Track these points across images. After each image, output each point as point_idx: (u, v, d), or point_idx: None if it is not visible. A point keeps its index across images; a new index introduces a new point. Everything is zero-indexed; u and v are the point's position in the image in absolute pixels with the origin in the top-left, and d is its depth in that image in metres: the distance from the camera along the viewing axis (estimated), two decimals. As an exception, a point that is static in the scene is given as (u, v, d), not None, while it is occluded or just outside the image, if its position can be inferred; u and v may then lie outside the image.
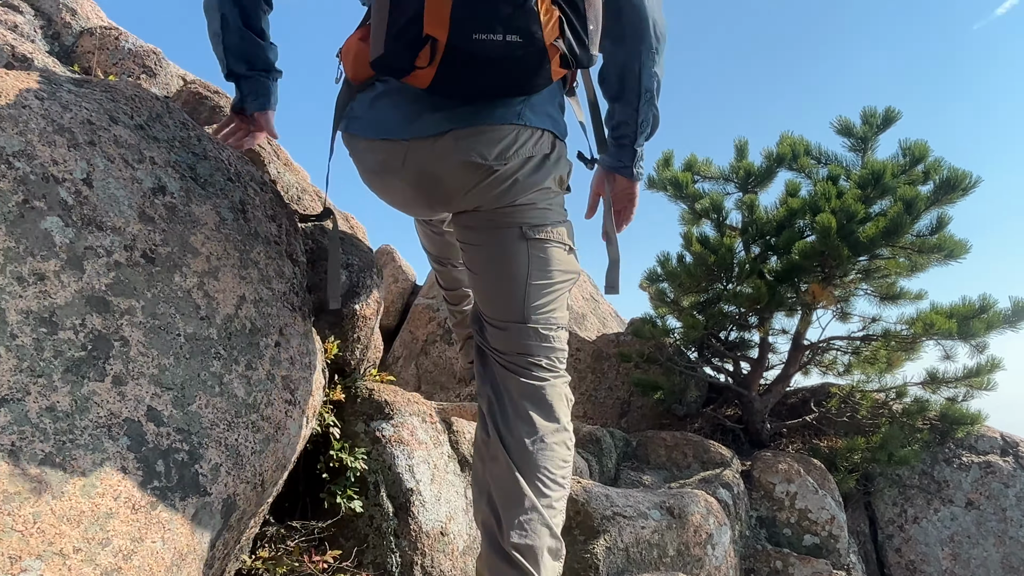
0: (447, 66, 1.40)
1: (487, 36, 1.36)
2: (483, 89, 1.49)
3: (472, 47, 1.36)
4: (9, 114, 1.30)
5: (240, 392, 1.54)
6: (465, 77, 1.43)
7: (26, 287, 1.21)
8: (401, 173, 1.63)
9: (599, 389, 4.77)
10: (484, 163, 1.55)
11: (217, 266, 1.60)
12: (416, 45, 1.38)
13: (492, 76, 1.44)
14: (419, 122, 1.56)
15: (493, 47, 1.36)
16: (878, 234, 3.68)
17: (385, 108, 1.60)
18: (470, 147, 1.54)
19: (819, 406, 4.67)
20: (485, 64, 1.40)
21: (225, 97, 2.56)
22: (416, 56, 1.38)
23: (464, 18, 1.34)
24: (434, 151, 1.56)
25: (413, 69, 1.41)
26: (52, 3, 2.64)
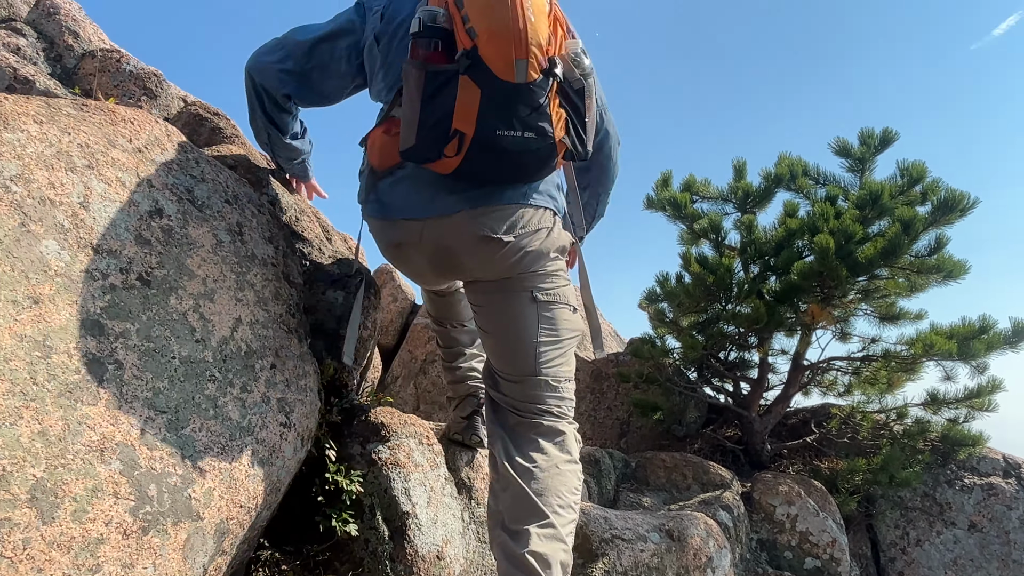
0: (472, 156, 1.63)
1: (508, 132, 1.61)
2: (500, 176, 1.73)
3: (495, 141, 1.61)
4: (7, 138, 1.30)
5: (235, 415, 1.53)
6: (487, 165, 1.67)
7: (21, 311, 1.21)
8: (419, 247, 1.82)
9: (598, 409, 4.74)
10: (495, 236, 1.75)
11: (213, 288, 1.60)
12: (445, 139, 1.61)
13: (509, 165, 1.68)
14: (435, 203, 1.76)
15: (512, 141, 1.62)
16: (876, 255, 3.68)
17: (405, 192, 1.80)
18: (482, 223, 1.75)
19: (819, 427, 4.64)
20: (505, 155, 1.64)
21: (225, 119, 2.57)
22: (445, 147, 1.62)
23: (489, 117, 1.59)
24: (449, 227, 1.77)
25: (441, 157, 1.64)
26: (55, 26, 2.67)
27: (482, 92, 1.61)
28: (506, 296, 1.84)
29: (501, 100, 1.61)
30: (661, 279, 4.63)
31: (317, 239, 2.35)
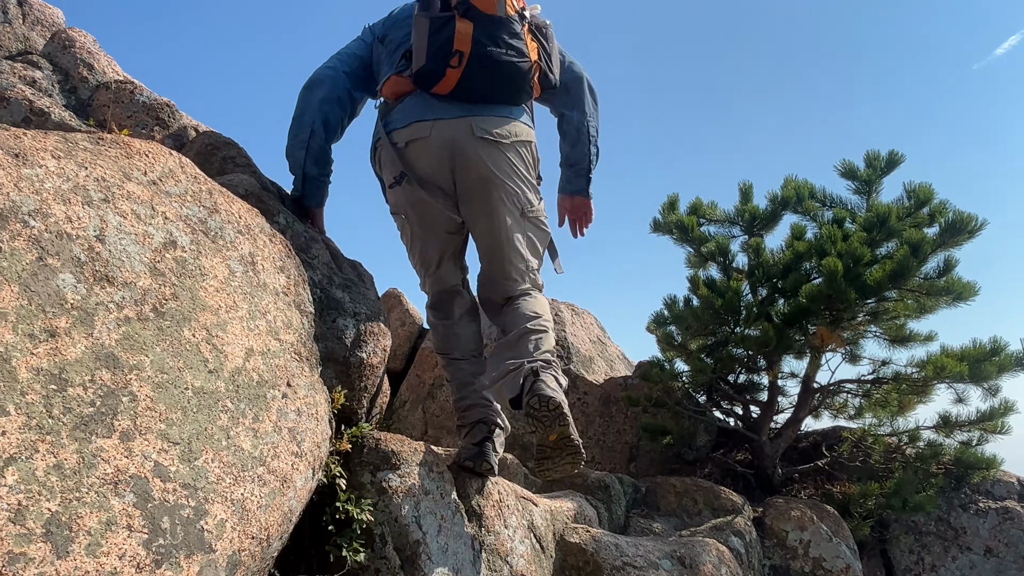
0: (471, 68, 2.20)
1: (497, 49, 2.21)
2: (491, 89, 2.27)
3: (488, 55, 2.20)
4: (26, 174, 1.33)
5: (246, 445, 1.54)
6: (481, 79, 2.23)
7: (37, 344, 1.22)
8: (428, 141, 2.27)
9: (607, 433, 4.72)
10: (489, 135, 2.26)
11: (226, 319, 1.61)
12: (449, 56, 2.19)
13: (499, 78, 2.24)
14: (442, 111, 2.26)
15: (500, 55, 2.21)
16: (885, 277, 3.68)
17: (415, 105, 2.30)
18: (480, 126, 2.26)
19: (831, 450, 4.60)
20: (495, 68, 2.22)
21: (236, 148, 2.60)
22: (448, 64, 2.18)
23: (481, 39, 2.20)
24: (455, 126, 2.25)
25: (446, 73, 2.19)
26: (70, 58, 2.71)
27: (474, 24, 2.21)
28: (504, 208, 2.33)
29: (489, 28, 2.23)
30: (669, 302, 4.63)
31: (327, 266, 2.37)
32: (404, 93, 2.31)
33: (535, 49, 2.34)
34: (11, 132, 1.37)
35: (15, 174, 1.30)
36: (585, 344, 5.22)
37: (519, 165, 2.34)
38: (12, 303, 1.21)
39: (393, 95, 2.34)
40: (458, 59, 2.18)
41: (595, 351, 5.29)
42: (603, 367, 5.18)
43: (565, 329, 5.11)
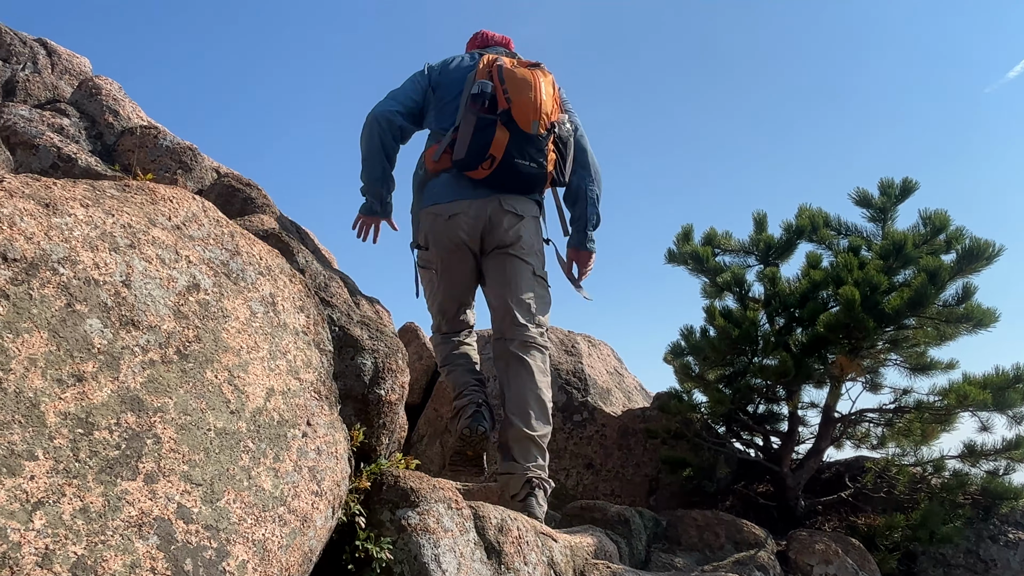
0: (497, 171, 2.81)
1: (522, 161, 2.80)
2: (512, 186, 2.89)
3: (513, 165, 2.80)
4: (56, 223, 1.37)
5: (267, 485, 1.55)
6: (505, 178, 2.84)
7: (65, 389, 1.25)
8: (467, 214, 2.87)
9: (626, 466, 4.68)
10: (516, 212, 2.91)
11: (247, 360, 1.64)
12: (483, 159, 2.78)
13: (518, 181, 2.86)
14: (476, 192, 2.88)
15: (523, 167, 2.81)
16: (903, 305, 3.65)
17: (453, 186, 2.89)
18: (508, 204, 2.90)
19: (854, 481, 4.53)
20: (517, 174, 2.83)
21: (256, 189, 2.66)
22: (482, 163, 2.79)
23: (512, 150, 2.78)
24: (487, 204, 2.88)
25: (478, 168, 2.81)
26: (96, 105, 2.80)
27: (510, 135, 2.78)
28: (519, 265, 2.93)
29: (521, 142, 2.80)
30: (685, 332, 4.62)
31: (345, 304, 2.40)
32: (442, 170, 2.91)
33: (553, 160, 2.92)
34: (42, 183, 1.42)
35: (46, 223, 1.35)
36: (602, 376, 5.20)
37: (533, 235, 2.98)
38: (41, 349, 1.24)
39: (434, 170, 2.93)
40: (490, 163, 2.78)
41: (612, 382, 5.27)
42: (621, 399, 5.16)
43: (582, 361, 5.10)
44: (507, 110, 2.77)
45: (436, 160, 2.88)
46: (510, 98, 2.76)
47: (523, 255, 2.92)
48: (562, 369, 4.98)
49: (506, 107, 2.77)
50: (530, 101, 2.76)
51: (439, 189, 2.90)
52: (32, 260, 1.29)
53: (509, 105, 2.76)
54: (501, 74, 2.82)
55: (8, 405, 1.16)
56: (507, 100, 2.76)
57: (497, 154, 2.74)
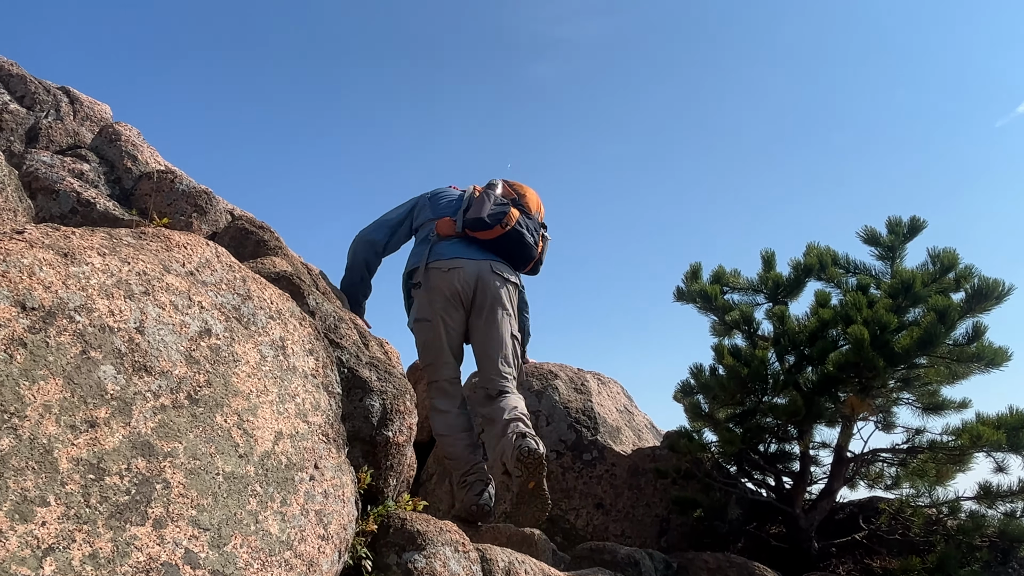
0: (507, 235, 3.42)
1: (527, 233, 3.49)
2: (509, 255, 3.51)
3: (520, 234, 3.45)
4: (73, 272, 1.41)
5: (274, 529, 1.56)
6: (509, 246, 3.46)
7: (78, 435, 1.28)
8: (463, 271, 3.34)
9: (636, 506, 4.63)
10: (501, 274, 3.44)
11: (256, 404, 1.66)
12: (500, 221, 3.39)
13: (517, 250, 3.50)
14: (476, 254, 3.41)
15: (527, 238, 3.47)
16: (913, 344, 3.64)
17: (459, 248, 3.42)
18: (499, 270, 3.45)
19: (868, 522, 4.46)
20: (518, 244, 3.47)
21: (269, 231, 2.71)
22: (497, 225, 3.38)
23: (521, 222, 3.47)
24: (481, 264, 3.39)
25: (494, 228, 3.39)
26: (115, 151, 2.88)
27: (520, 213, 3.51)
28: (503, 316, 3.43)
29: (528, 220, 3.55)
30: (695, 371, 4.61)
31: (354, 345, 2.43)
32: (449, 235, 3.43)
33: (541, 248, 3.62)
34: (62, 232, 1.47)
35: (64, 272, 1.39)
36: (612, 414, 5.18)
37: (514, 299, 3.51)
38: (56, 396, 1.27)
39: (443, 234, 3.45)
40: (503, 227, 3.38)
41: (622, 421, 5.24)
42: (631, 437, 5.13)
43: (592, 399, 5.08)
44: (516, 199, 3.59)
45: (446, 228, 3.48)
46: (520, 192, 3.64)
47: (506, 313, 3.43)
48: (572, 407, 4.97)
49: (515, 197, 3.60)
50: (534, 197, 3.68)
51: (443, 249, 3.40)
52: (50, 308, 1.33)
53: (519, 197, 3.61)
54: (508, 181, 3.69)
55: (23, 451, 1.19)
56: (516, 194, 3.62)
57: (510, 222, 3.39)
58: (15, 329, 1.25)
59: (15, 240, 1.35)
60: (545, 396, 4.99)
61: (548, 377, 5.15)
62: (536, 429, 4.87)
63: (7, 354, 1.23)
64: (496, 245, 3.41)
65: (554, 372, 5.23)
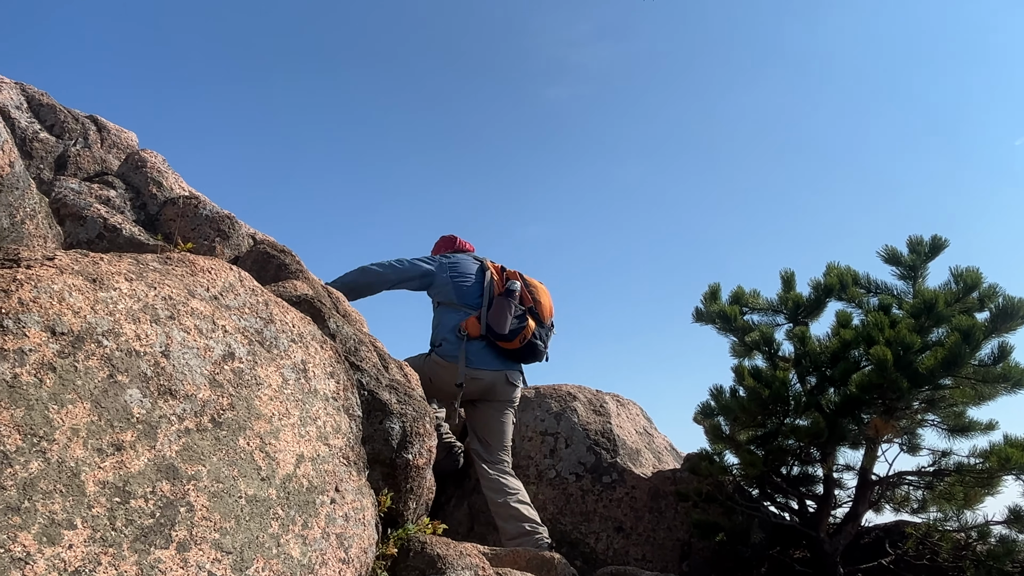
0: (526, 345, 4.03)
1: (539, 343, 4.11)
2: (526, 359, 4.16)
3: (535, 344, 4.07)
4: (101, 297, 1.44)
5: (295, 552, 1.57)
6: (526, 353, 4.09)
7: (104, 458, 1.30)
8: (481, 380, 3.99)
9: (657, 530, 4.57)
10: (515, 384, 4.14)
11: (279, 427, 1.68)
12: (516, 336, 3.99)
13: (533, 355, 4.13)
14: (495, 363, 4.04)
15: (540, 348, 4.12)
16: (937, 365, 3.58)
17: (484, 355, 4.02)
18: (512, 377, 4.12)
19: (895, 547, 4.37)
20: (533, 350, 4.08)
21: (290, 255, 2.75)
22: (515, 339, 3.99)
23: (537, 332, 4.09)
24: (498, 375, 4.04)
25: (514, 341, 3.99)
26: (141, 177, 2.94)
27: (536, 323, 4.09)
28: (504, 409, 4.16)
29: (542, 329, 4.15)
30: (715, 392, 4.56)
31: (374, 368, 2.44)
32: (476, 336, 4.00)
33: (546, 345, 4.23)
34: (90, 259, 1.50)
35: (92, 298, 1.42)
36: (631, 436, 5.14)
37: (517, 397, 4.22)
38: (84, 419, 1.30)
39: (472, 334, 4.00)
40: (520, 340, 3.99)
41: (642, 443, 5.20)
42: (651, 459, 5.08)
43: (611, 421, 5.05)
44: (533, 307, 4.15)
45: (474, 328, 4.04)
46: (536, 299, 4.18)
47: (511, 409, 4.20)
48: (591, 429, 4.94)
49: (531, 303, 4.15)
50: (547, 305, 4.25)
51: (475, 356, 4.00)
52: (78, 333, 1.36)
53: (534, 303, 4.16)
54: (525, 280, 4.22)
55: (51, 474, 1.21)
56: (533, 300, 4.16)
57: (527, 336, 4.02)
58: (45, 353, 1.28)
59: (46, 266, 1.39)
60: (564, 418, 4.96)
61: (567, 399, 5.13)
62: (555, 451, 4.85)
63: (37, 378, 1.25)
64: (517, 354, 4.07)
65: (573, 394, 5.20)
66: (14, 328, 1.25)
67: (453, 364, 3.97)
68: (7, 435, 1.16)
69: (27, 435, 1.19)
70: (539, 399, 5.11)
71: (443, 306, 4.21)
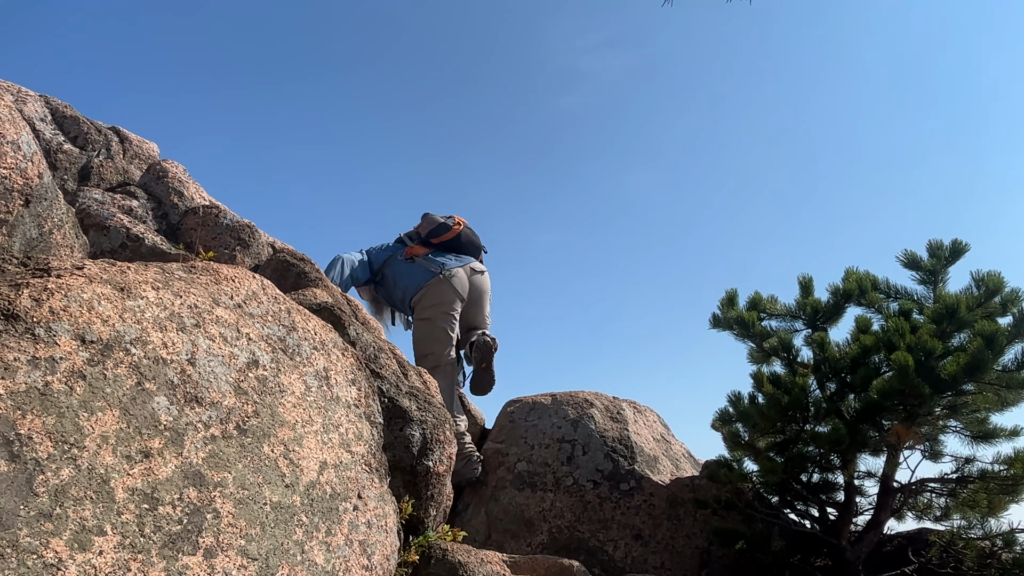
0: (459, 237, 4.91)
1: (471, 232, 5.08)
2: (466, 251, 4.93)
3: (468, 235, 4.98)
4: (129, 305, 1.46)
5: (320, 559, 1.58)
6: (464, 244, 4.91)
7: (133, 465, 1.31)
8: (462, 272, 4.71)
9: (676, 538, 4.54)
10: (480, 271, 4.89)
11: (302, 433, 1.69)
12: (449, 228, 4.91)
13: (470, 249, 4.95)
14: (458, 259, 4.79)
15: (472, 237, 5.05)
16: (960, 371, 3.54)
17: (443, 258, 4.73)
18: (476, 265, 4.87)
19: (918, 555, 4.31)
20: (469, 244, 4.96)
21: (310, 263, 2.77)
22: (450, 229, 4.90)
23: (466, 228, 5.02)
24: (466, 266, 4.78)
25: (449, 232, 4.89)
26: (163, 187, 2.98)
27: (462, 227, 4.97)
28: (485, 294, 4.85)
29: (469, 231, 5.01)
30: (733, 399, 4.53)
31: (394, 375, 2.45)
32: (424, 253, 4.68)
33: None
34: (118, 268, 1.52)
35: (120, 306, 1.44)
36: (649, 443, 5.12)
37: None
38: (113, 427, 1.31)
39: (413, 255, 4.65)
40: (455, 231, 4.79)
41: (660, 450, 5.18)
42: (668, 467, 5.05)
43: (628, 428, 5.03)
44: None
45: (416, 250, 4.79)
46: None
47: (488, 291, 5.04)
48: (608, 436, 4.92)
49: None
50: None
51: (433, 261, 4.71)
52: (107, 341, 1.37)
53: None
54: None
55: (81, 481, 1.22)
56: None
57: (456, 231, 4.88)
58: (75, 362, 1.30)
59: (76, 276, 1.41)
60: (581, 425, 4.95)
61: (584, 406, 5.12)
62: (572, 458, 4.83)
63: (68, 386, 1.27)
64: (458, 247, 4.83)
65: (589, 401, 5.19)
66: (45, 336, 1.27)
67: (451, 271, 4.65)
68: (39, 442, 1.18)
69: (58, 442, 1.21)
70: (556, 406, 5.11)
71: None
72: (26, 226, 1.89)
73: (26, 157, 1.87)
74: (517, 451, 4.91)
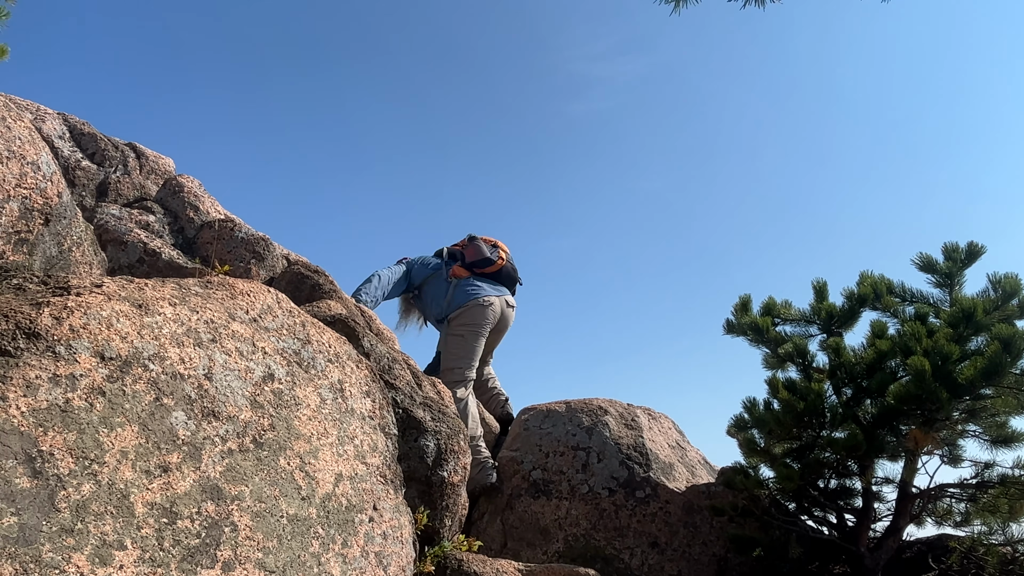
0: (500, 271, 5.11)
1: (512, 267, 5.29)
2: (504, 283, 5.18)
3: (509, 271, 5.22)
4: (147, 322, 1.48)
5: (336, 571, 1.59)
6: (503, 278, 5.16)
7: (152, 480, 1.33)
8: (498, 302, 4.96)
9: (693, 545, 4.52)
10: (512, 305, 5.12)
11: (317, 446, 1.71)
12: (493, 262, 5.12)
13: (508, 283, 5.21)
14: (496, 289, 5.04)
15: (511, 272, 5.28)
16: (977, 375, 3.50)
17: (483, 284, 5.02)
18: (510, 299, 5.08)
19: (938, 562, 4.26)
20: (507, 277, 5.22)
21: (324, 276, 2.79)
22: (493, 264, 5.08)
23: (509, 264, 5.26)
24: (502, 297, 5.02)
25: (493, 265, 5.08)
26: (178, 202, 3.02)
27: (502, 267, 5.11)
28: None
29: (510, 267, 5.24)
30: (748, 405, 4.50)
31: (408, 386, 2.47)
32: (467, 276, 4.92)
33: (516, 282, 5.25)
34: (136, 284, 1.54)
35: (138, 323, 1.46)
36: (664, 450, 5.10)
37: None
38: (132, 442, 1.33)
39: (457, 276, 4.91)
40: (496, 267, 4.97)
41: (675, 457, 5.15)
42: (684, 473, 5.03)
43: (643, 435, 5.02)
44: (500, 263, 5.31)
45: (459, 272, 5.08)
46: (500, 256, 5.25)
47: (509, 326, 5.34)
48: (623, 444, 4.91)
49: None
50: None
51: (473, 287, 4.97)
52: (126, 358, 1.40)
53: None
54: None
55: (102, 496, 1.25)
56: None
57: (500, 264, 5.11)
58: (95, 378, 1.32)
59: (95, 294, 1.43)
60: (595, 432, 4.94)
61: (598, 413, 5.11)
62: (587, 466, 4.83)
63: (88, 403, 1.29)
64: (499, 277, 5.08)
65: (604, 408, 5.18)
66: (66, 354, 1.30)
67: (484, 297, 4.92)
68: (61, 459, 1.20)
69: (79, 458, 1.23)
70: (570, 413, 5.10)
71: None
72: (46, 244, 1.92)
73: (46, 177, 1.91)
74: (532, 459, 4.91)
